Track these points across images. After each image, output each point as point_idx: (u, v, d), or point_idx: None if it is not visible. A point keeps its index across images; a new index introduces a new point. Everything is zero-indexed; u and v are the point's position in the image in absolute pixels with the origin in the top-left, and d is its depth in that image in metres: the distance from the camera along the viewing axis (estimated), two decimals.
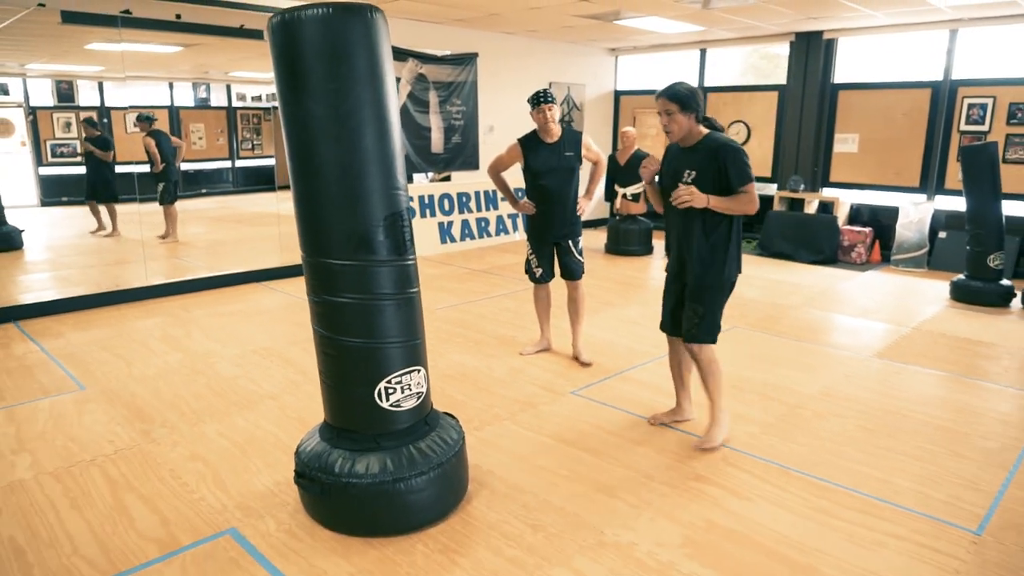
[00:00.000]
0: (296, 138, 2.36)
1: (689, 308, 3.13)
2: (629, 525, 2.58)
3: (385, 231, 2.41)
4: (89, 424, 3.44)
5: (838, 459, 3.12)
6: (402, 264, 2.48)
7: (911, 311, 5.82)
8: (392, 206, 2.42)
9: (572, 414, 3.60)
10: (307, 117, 2.31)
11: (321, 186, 2.36)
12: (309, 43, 2.25)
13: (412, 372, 2.56)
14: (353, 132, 2.32)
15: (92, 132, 7.55)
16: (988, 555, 2.42)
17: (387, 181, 2.41)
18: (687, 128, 2.96)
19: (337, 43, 2.26)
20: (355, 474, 2.43)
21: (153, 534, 2.51)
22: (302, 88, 2.29)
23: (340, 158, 2.33)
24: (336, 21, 2.25)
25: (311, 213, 2.41)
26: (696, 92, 2.95)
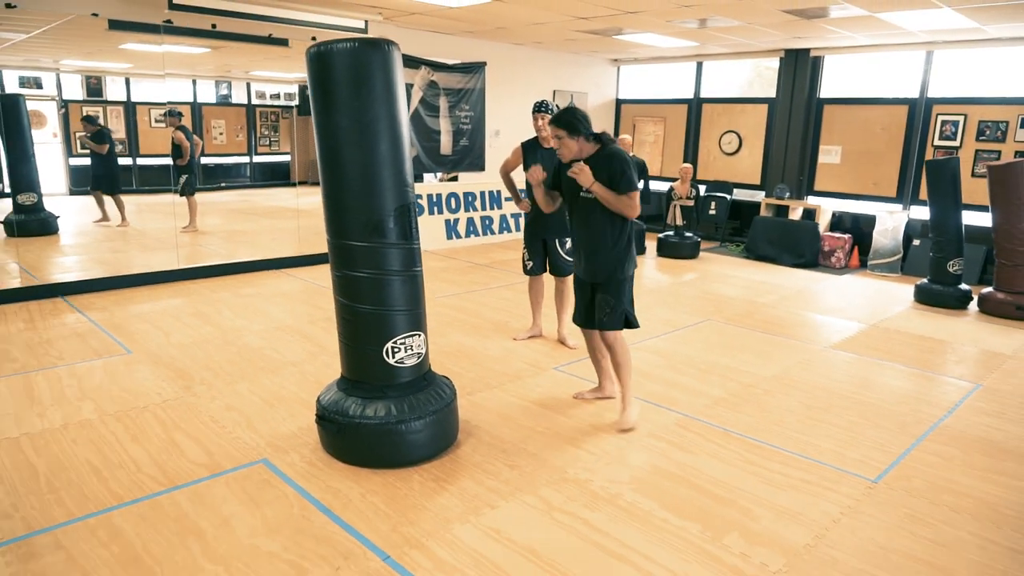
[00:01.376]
0: (326, 144, 2.94)
1: (601, 300, 3.51)
2: (588, 467, 3.14)
3: (395, 220, 2.99)
4: (139, 380, 4.03)
5: (775, 426, 3.67)
6: (408, 247, 3.06)
7: (876, 311, 6.34)
8: (402, 199, 3.00)
9: (553, 385, 4.17)
10: (335, 127, 2.89)
11: (345, 182, 2.95)
12: (339, 69, 2.84)
13: (414, 336, 3.13)
14: (371, 140, 2.90)
15: (89, 128, 8.00)
16: (877, 496, 2.97)
17: (398, 179, 2.99)
18: (577, 149, 3.41)
19: (360, 70, 2.84)
20: (366, 416, 3.00)
21: (200, 461, 3.09)
22: (332, 104, 2.87)
23: (361, 160, 2.91)
24: (360, 53, 2.83)
25: (336, 204, 2.99)
26: (580, 117, 3.37)
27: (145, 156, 9.06)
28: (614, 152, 3.39)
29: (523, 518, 2.72)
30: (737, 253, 9.06)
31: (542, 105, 4.59)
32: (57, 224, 7.86)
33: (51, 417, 3.49)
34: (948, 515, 2.85)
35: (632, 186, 3.31)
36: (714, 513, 2.79)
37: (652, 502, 2.86)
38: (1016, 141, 7.49)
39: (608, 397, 3.92)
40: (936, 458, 3.36)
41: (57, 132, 8.36)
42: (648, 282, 7.34)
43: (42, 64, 8.19)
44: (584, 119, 3.41)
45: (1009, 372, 4.70)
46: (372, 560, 2.43)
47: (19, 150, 7.43)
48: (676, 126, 10.43)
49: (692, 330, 5.45)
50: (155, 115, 9.04)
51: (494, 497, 2.86)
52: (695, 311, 6.02)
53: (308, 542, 2.52)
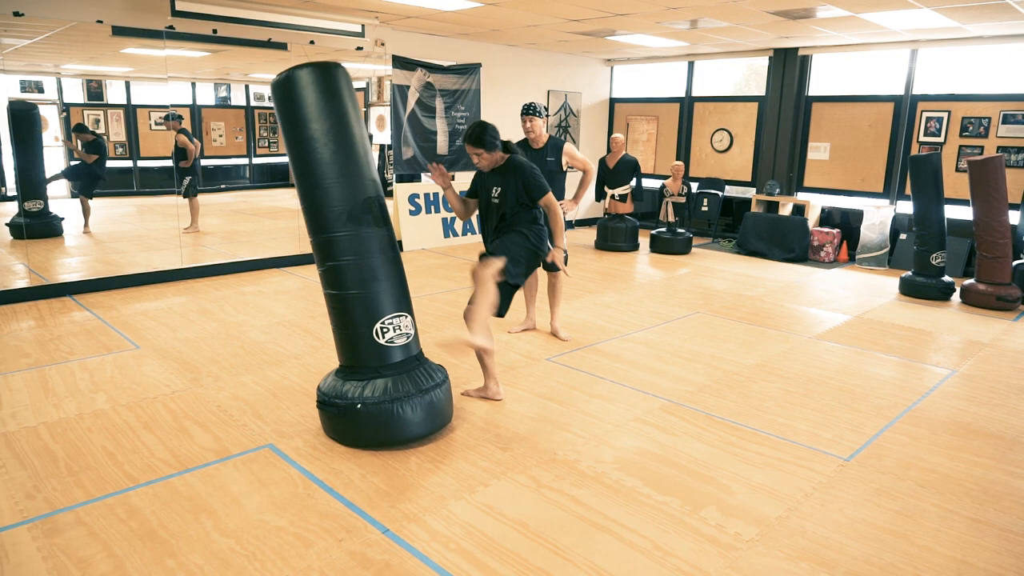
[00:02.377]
0: (297, 152, 3.23)
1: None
2: (576, 449, 3.33)
3: (367, 208, 3.23)
4: (148, 373, 4.21)
5: (755, 411, 3.85)
6: (384, 233, 3.31)
7: (862, 303, 6.53)
8: (368, 192, 3.27)
9: (545, 375, 4.35)
10: (305, 137, 3.19)
11: (318, 181, 3.21)
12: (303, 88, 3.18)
13: (401, 316, 3.31)
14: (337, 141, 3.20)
15: (86, 137, 8.12)
16: (848, 473, 3.15)
17: (365, 175, 3.28)
18: (492, 160, 3.79)
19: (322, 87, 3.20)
20: (364, 397, 3.18)
21: (209, 446, 3.27)
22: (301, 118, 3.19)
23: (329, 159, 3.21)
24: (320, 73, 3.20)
25: (313, 202, 3.24)
26: (491, 133, 3.73)
27: (145, 159, 9.22)
28: (518, 163, 3.81)
29: (514, 495, 2.90)
30: (729, 249, 9.24)
31: (530, 108, 4.78)
32: (62, 226, 8.03)
33: (66, 407, 3.67)
34: (914, 489, 3.03)
35: (542, 189, 3.77)
36: (693, 489, 2.98)
37: (635, 480, 3.04)
38: (998, 136, 7.68)
39: (492, 399, 3.91)
40: (906, 438, 3.55)
41: (59, 136, 8.53)
42: (640, 277, 7.52)
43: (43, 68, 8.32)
44: (494, 133, 3.77)
45: (984, 359, 4.88)
46: (372, 533, 2.61)
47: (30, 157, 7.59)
48: (669, 124, 10.61)
49: (680, 322, 5.63)
50: (155, 118, 9.19)
51: (487, 476, 3.04)
52: (684, 304, 6.20)
53: (313, 517, 2.70)
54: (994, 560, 2.54)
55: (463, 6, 6.48)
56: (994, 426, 3.74)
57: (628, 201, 8.73)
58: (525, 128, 4.81)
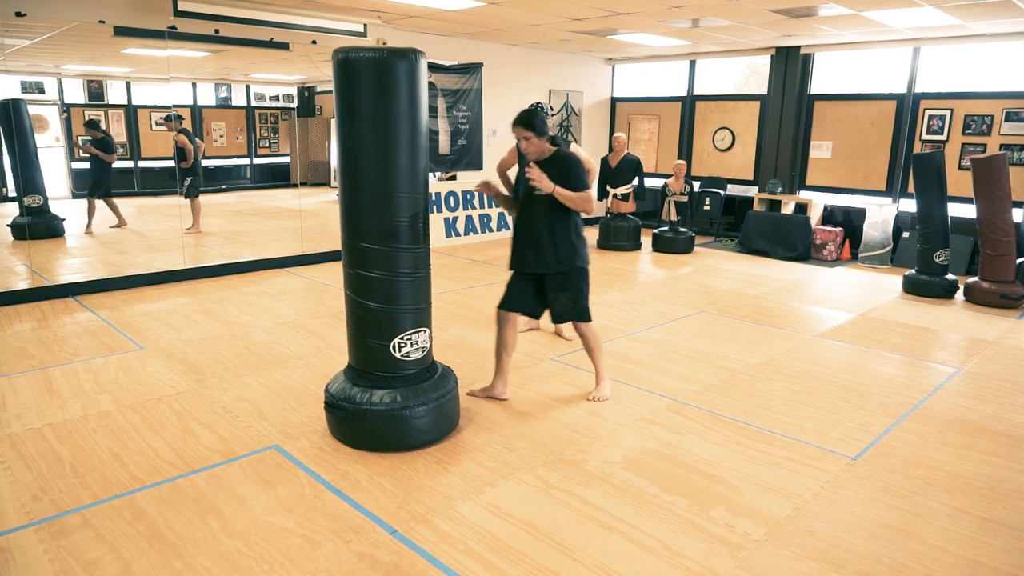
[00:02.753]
0: (347, 148, 3.09)
1: (563, 297, 3.71)
2: (583, 449, 3.32)
3: (408, 226, 3.14)
4: (152, 374, 4.20)
5: (761, 410, 3.84)
6: (417, 251, 3.22)
7: (865, 301, 6.51)
8: (415, 208, 3.15)
9: (550, 375, 4.34)
10: (357, 134, 3.03)
11: (362, 188, 3.09)
12: (363, 77, 2.96)
13: (419, 332, 3.30)
14: (391, 150, 3.03)
15: (95, 134, 8.09)
16: (856, 472, 3.14)
17: (413, 189, 3.13)
18: (540, 148, 3.62)
19: (385, 80, 2.96)
20: (372, 403, 3.17)
21: (215, 447, 3.26)
22: (355, 111, 3.01)
23: (379, 169, 3.05)
24: (386, 62, 2.94)
25: (352, 207, 3.14)
26: (543, 119, 3.58)
27: (146, 159, 9.21)
28: (565, 155, 3.64)
29: (521, 495, 2.89)
30: (731, 247, 9.23)
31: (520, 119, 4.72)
32: (63, 227, 8.02)
33: (71, 409, 3.67)
34: (922, 488, 3.02)
35: (583, 185, 3.58)
36: (701, 488, 2.97)
37: (643, 479, 3.03)
38: (1001, 134, 7.66)
39: (498, 398, 3.88)
40: (914, 436, 3.54)
41: (60, 136, 8.51)
42: (643, 276, 7.51)
43: (44, 69, 8.30)
44: (544, 119, 3.63)
45: (990, 357, 4.87)
46: (380, 534, 2.60)
47: (23, 153, 7.59)
48: (670, 123, 10.60)
49: (685, 321, 5.62)
50: (156, 118, 9.17)
51: (494, 477, 3.04)
52: (688, 303, 6.19)
53: (320, 519, 2.69)
54: (1006, 559, 2.53)
55: (465, 5, 6.47)
56: (1001, 424, 3.73)
57: (630, 200, 8.72)
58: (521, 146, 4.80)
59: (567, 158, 3.61)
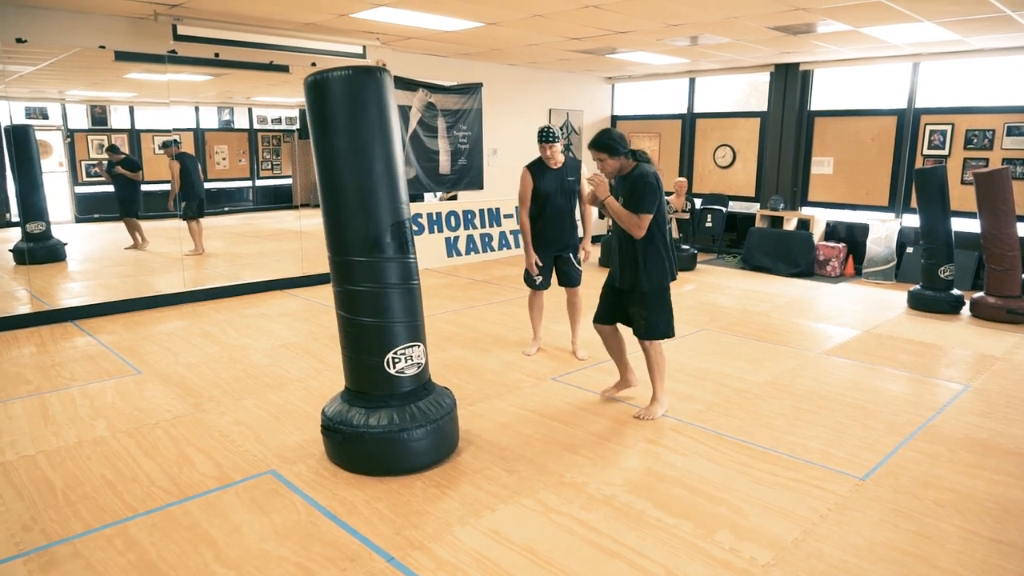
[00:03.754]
0: (324, 165, 3.10)
1: (635, 312, 3.80)
2: (585, 472, 3.25)
3: (392, 235, 3.13)
4: (149, 398, 4.15)
5: (766, 429, 3.78)
6: (405, 261, 3.20)
7: (870, 318, 6.45)
8: (396, 216, 3.15)
9: (551, 395, 4.28)
10: (333, 150, 3.05)
11: (343, 201, 3.10)
12: (335, 95, 3.01)
13: (413, 347, 3.26)
14: (367, 161, 3.07)
15: (117, 156, 8.18)
16: (865, 493, 3.07)
17: (393, 197, 3.14)
18: (617, 166, 3.65)
19: (355, 96, 3.01)
20: (369, 426, 3.12)
21: (211, 473, 3.21)
22: (329, 128, 3.04)
23: (357, 180, 3.07)
24: (355, 79, 3.01)
25: (336, 222, 3.14)
26: (616, 139, 3.59)
27: (150, 182, 9.24)
28: (640, 173, 3.59)
29: (521, 520, 2.83)
30: (733, 264, 9.19)
31: (550, 135, 4.72)
32: (65, 251, 8.02)
33: (66, 435, 3.62)
34: (933, 509, 2.95)
35: (640, 207, 3.52)
36: (705, 511, 2.90)
37: (645, 502, 2.97)
38: (1003, 148, 7.63)
39: (629, 386, 4.19)
40: (923, 456, 3.46)
41: (63, 161, 8.55)
42: None
43: (47, 95, 8.36)
44: (620, 139, 3.63)
45: (998, 374, 4.80)
46: (377, 562, 2.54)
47: (29, 180, 7.63)
48: (671, 141, 10.61)
49: (688, 339, 5.56)
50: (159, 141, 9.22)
51: (493, 501, 2.97)
52: (691, 321, 6.14)
53: (316, 546, 2.63)
54: None
55: (464, 26, 6.50)
56: (1011, 442, 3.65)
57: None
58: (545, 156, 4.79)
59: (641, 176, 3.57)
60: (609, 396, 4.21)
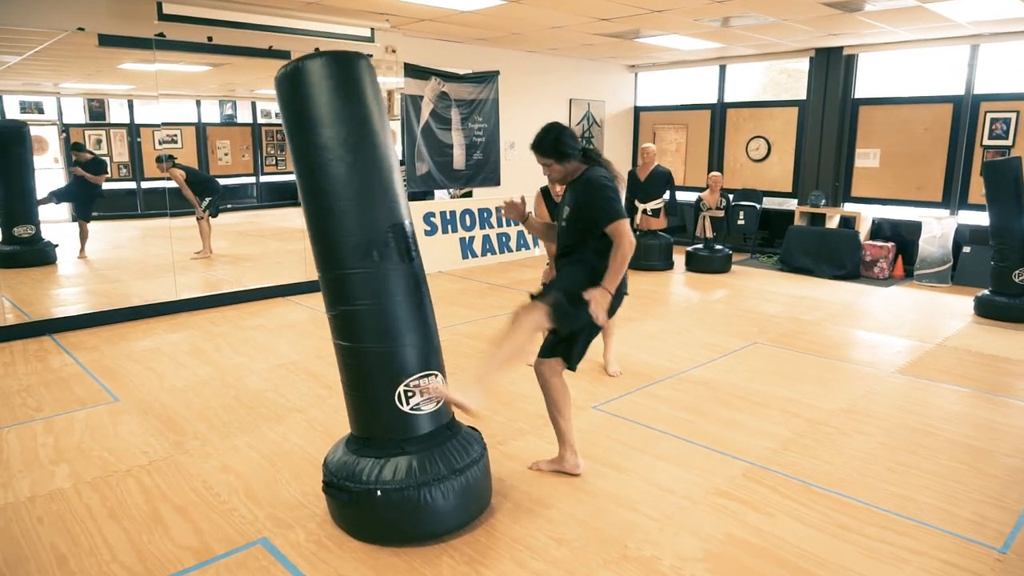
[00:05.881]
0: (304, 165, 2.54)
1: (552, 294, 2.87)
2: (652, 539, 2.62)
3: (391, 238, 2.54)
4: (124, 435, 3.54)
5: (860, 476, 3.13)
6: (409, 269, 2.60)
7: (934, 327, 5.79)
8: (394, 216, 2.56)
9: (595, 429, 3.64)
10: (313, 147, 2.49)
11: (330, 204, 2.51)
12: (311, 86, 2.48)
13: (429, 376, 2.63)
14: (354, 153, 2.50)
15: (82, 156, 7.56)
16: (1010, 571, 2.42)
17: (387, 195, 2.56)
18: (568, 171, 2.96)
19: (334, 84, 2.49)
20: (383, 480, 2.49)
21: (187, 543, 2.59)
22: (307, 122, 2.49)
23: (345, 178, 2.50)
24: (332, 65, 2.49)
25: (323, 230, 2.55)
26: (567, 139, 2.91)
27: (149, 180, 8.72)
28: (588, 178, 2.90)
29: None
30: (770, 265, 8.52)
31: None
32: (55, 254, 7.46)
33: (18, 487, 3.01)
34: None
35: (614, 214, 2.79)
36: None
37: None
38: None
39: (570, 473, 3.11)
40: None
41: (59, 157, 8.04)
42: (681, 300, 6.82)
43: (43, 88, 7.91)
44: (572, 138, 2.94)
45: None
46: None
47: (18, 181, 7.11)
48: (699, 133, 9.93)
49: (739, 356, 4.92)
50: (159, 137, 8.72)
51: None
52: (737, 332, 5.49)
53: None
54: None
55: (484, 5, 5.84)
56: None
57: (661, 216, 8.03)
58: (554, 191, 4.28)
59: (590, 181, 2.88)
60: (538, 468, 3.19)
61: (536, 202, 4.47)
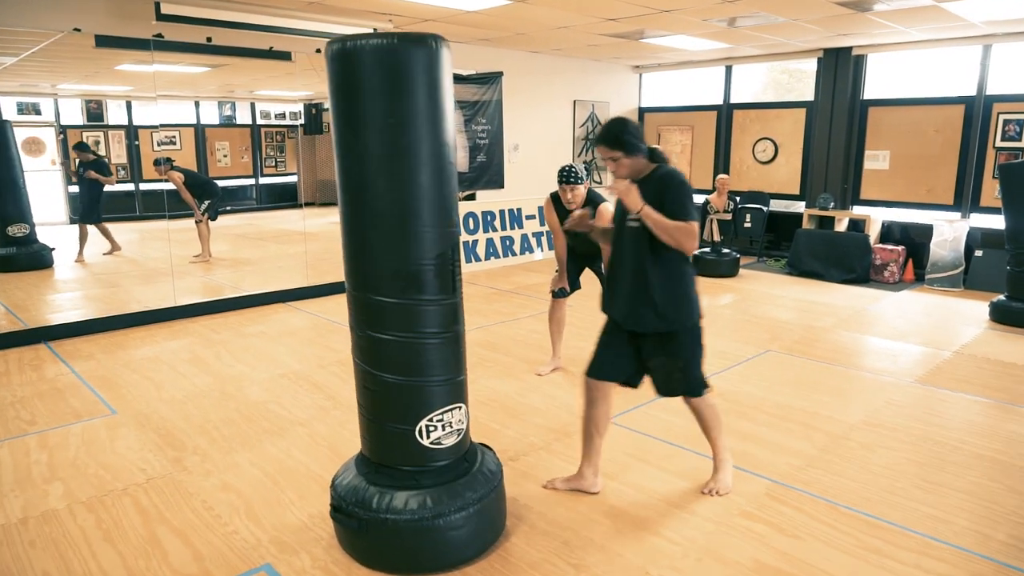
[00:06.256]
0: (350, 172, 2.30)
1: (667, 362, 2.81)
2: (675, 565, 2.49)
3: (436, 270, 2.35)
4: (121, 451, 3.41)
5: (889, 494, 3.00)
6: (450, 303, 2.43)
7: (950, 333, 5.66)
8: (444, 244, 2.36)
9: (609, 444, 3.49)
10: (363, 151, 2.25)
11: (373, 221, 2.30)
12: (369, 76, 2.18)
13: (454, 409, 2.50)
14: (410, 169, 2.25)
15: (87, 156, 7.48)
16: None
17: (442, 218, 2.34)
18: (634, 169, 2.76)
19: (398, 76, 2.18)
20: (393, 509, 2.37)
21: (187, 570, 2.46)
22: (359, 121, 2.23)
23: (395, 195, 2.27)
24: (401, 53, 2.17)
25: (360, 248, 2.35)
26: (633, 131, 2.72)
27: (148, 181, 8.59)
28: (664, 172, 2.73)
29: None
30: (778, 269, 8.39)
31: (570, 175, 4.07)
32: (52, 257, 7.33)
33: (9, 507, 2.87)
34: None
35: (685, 211, 2.63)
36: None
37: None
38: None
39: (587, 491, 3.00)
40: None
41: (56, 159, 7.92)
42: None
43: (40, 89, 7.81)
44: (637, 132, 2.75)
45: None
46: None
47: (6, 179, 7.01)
48: (704, 135, 9.80)
49: (752, 364, 4.79)
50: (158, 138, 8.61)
51: None
52: (749, 340, 5.36)
53: None
54: None
55: (490, 4, 5.71)
56: None
57: None
58: (565, 199, 4.12)
59: (667, 176, 2.70)
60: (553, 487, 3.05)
61: (546, 209, 4.34)
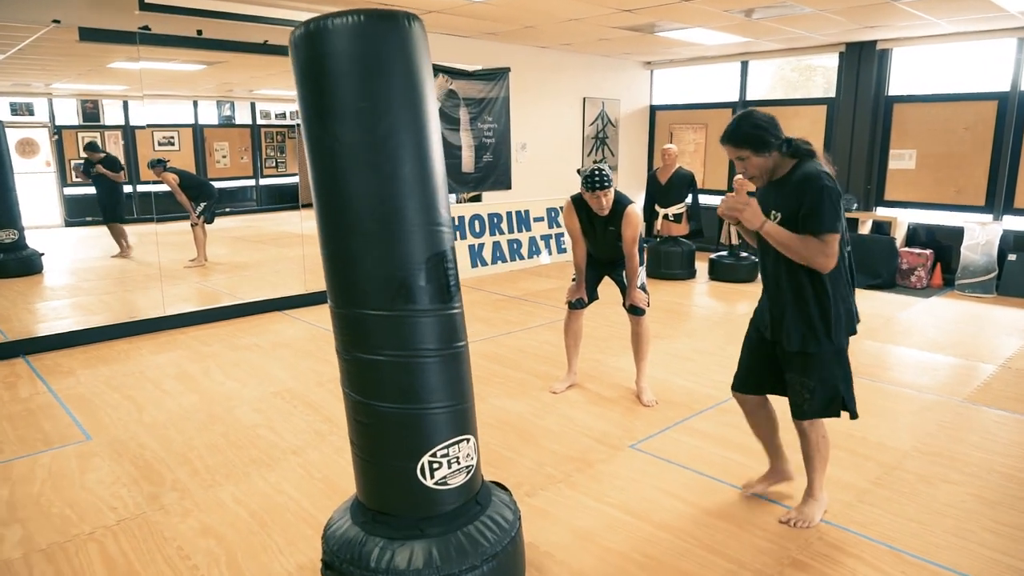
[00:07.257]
0: (323, 169, 1.98)
1: (794, 379, 2.59)
2: None
3: (428, 275, 2.01)
4: (91, 485, 3.05)
5: (958, 539, 2.64)
6: (447, 313, 2.08)
7: (991, 344, 5.29)
8: (435, 246, 2.02)
9: (635, 475, 3.15)
10: (335, 144, 1.92)
11: (353, 224, 1.97)
12: (338, 57, 1.87)
13: (461, 442, 2.14)
14: (390, 160, 1.93)
15: (97, 155, 7.30)
16: None
17: (429, 216, 2.01)
18: (768, 166, 2.45)
19: (370, 56, 1.88)
20: (395, 569, 2.01)
21: None
22: (329, 110, 1.91)
23: (375, 191, 1.95)
24: (369, 31, 1.88)
25: (341, 256, 2.02)
26: (765, 125, 2.41)
27: (145, 183, 8.30)
28: (806, 174, 2.36)
29: None
30: None
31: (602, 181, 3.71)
32: (41, 263, 7.02)
33: None
34: None
35: (821, 223, 2.30)
36: None
37: None
38: None
39: (785, 479, 2.95)
40: None
41: (50, 160, 7.64)
42: (709, 313, 6.32)
43: (33, 89, 7.55)
44: (771, 125, 2.42)
45: None
46: None
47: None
48: (719, 133, 9.35)
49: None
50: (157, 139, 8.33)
51: None
52: None
53: None
54: None
55: None
56: None
57: (683, 221, 7.55)
58: (599, 205, 3.75)
59: (810, 179, 2.34)
60: (755, 492, 2.95)
61: (566, 214, 3.95)
